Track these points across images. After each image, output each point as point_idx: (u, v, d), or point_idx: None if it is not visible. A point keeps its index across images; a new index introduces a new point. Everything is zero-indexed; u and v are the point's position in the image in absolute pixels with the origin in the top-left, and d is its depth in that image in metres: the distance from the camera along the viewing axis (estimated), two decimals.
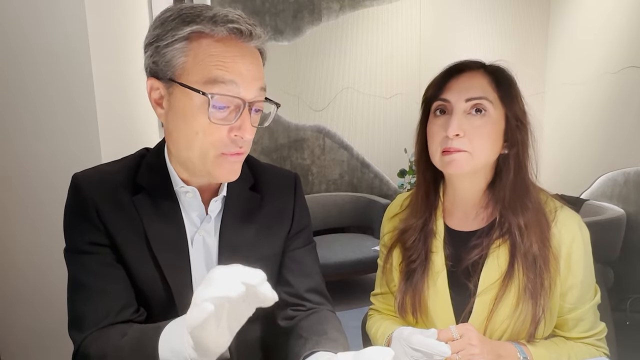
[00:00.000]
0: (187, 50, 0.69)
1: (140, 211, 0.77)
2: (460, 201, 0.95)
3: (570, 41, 3.47)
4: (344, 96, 3.65)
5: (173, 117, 0.73)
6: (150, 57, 0.72)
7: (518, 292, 0.85)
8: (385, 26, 3.61)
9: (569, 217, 0.90)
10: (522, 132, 0.89)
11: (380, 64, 3.63)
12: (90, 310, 0.74)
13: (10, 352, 1.40)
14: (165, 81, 0.72)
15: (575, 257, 0.87)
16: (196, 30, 0.69)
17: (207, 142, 0.71)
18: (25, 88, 1.29)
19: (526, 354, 0.84)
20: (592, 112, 3.21)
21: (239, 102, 0.70)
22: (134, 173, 0.80)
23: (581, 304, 0.88)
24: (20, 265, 1.38)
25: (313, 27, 3.53)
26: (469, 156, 0.85)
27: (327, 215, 3.50)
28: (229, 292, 0.53)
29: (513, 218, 0.87)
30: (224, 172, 0.74)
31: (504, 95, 0.88)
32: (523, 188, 0.89)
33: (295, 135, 3.61)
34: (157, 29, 0.71)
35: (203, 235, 0.82)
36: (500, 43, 3.70)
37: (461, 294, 0.90)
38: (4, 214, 1.36)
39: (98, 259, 0.75)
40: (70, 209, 0.77)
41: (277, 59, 3.45)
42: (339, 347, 0.75)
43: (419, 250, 0.94)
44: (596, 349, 0.90)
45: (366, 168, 3.78)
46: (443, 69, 0.92)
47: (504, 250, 0.87)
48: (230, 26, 0.69)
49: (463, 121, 0.85)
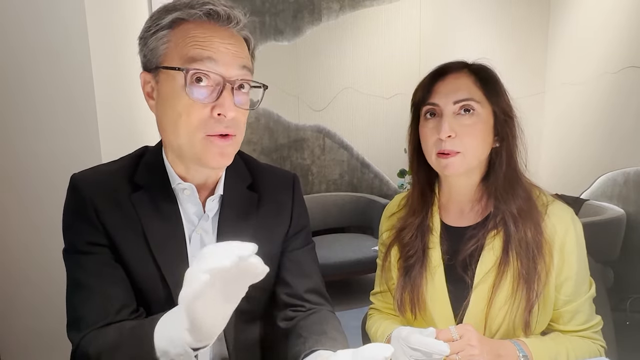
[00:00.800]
0: (169, 37, 0.72)
1: (138, 210, 0.77)
2: (456, 197, 0.98)
3: (570, 41, 3.47)
4: (344, 96, 3.65)
5: (161, 105, 0.74)
6: (141, 51, 0.75)
7: (513, 278, 0.87)
8: (386, 26, 3.61)
9: (561, 210, 0.92)
10: (510, 126, 0.92)
11: (380, 64, 3.63)
12: (89, 310, 0.74)
13: (10, 352, 1.40)
14: (153, 71, 0.74)
15: (568, 249, 0.89)
16: (176, 17, 0.71)
17: (190, 123, 0.71)
18: (25, 88, 1.29)
19: (525, 351, 0.84)
20: (592, 112, 3.21)
21: (218, 79, 0.71)
22: (132, 172, 0.80)
23: (576, 296, 0.90)
24: (20, 265, 1.38)
25: (313, 27, 3.53)
26: (462, 157, 0.88)
27: (327, 215, 3.50)
28: (222, 262, 0.54)
29: (506, 207, 0.90)
30: (211, 155, 0.73)
31: (490, 93, 0.91)
32: (514, 178, 0.92)
33: (295, 135, 3.61)
34: (146, 23, 0.75)
35: (200, 234, 0.82)
36: (500, 43, 3.70)
37: (458, 288, 0.93)
38: (4, 214, 1.36)
39: (96, 259, 0.76)
40: (69, 210, 0.78)
41: (277, 59, 3.45)
42: (339, 346, 0.75)
43: (416, 247, 0.96)
44: (593, 342, 0.91)
45: (366, 168, 3.78)
46: (428, 72, 0.95)
47: (498, 241, 0.90)
48: (205, 8, 0.71)
49: (453, 122, 0.88)
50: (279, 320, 0.89)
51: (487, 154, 0.93)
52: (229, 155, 0.76)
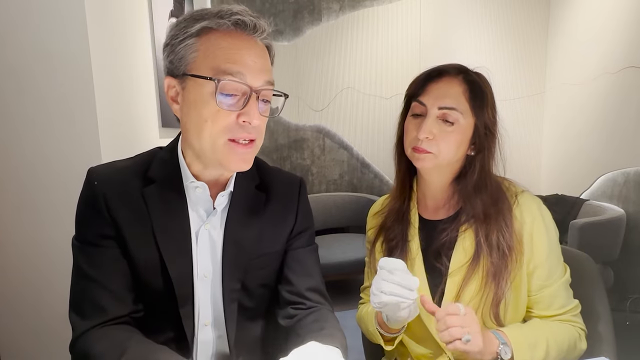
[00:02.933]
0: (198, 45, 0.74)
1: (148, 203, 0.80)
2: (430, 192, 1.04)
3: (570, 41, 3.47)
4: (344, 96, 3.65)
5: (186, 109, 0.77)
6: (167, 57, 0.78)
7: (482, 275, 0.93)
8: (386, 26, 3.61)
9: (528, 200, 0.97)
10: (489, 140, 0.97)
11: (380, 64, 3.64)
12: (91, 301, 0.77)
13: (10, 352, 1.40)
14: (180, 77, 0.76)
15: (537, 236, 0.94)
16: (204, 26, 0.74)
17: (215, 129, 0.74)
18: (25, 89, 1.30)
19: (505, 339, 0.87)
20: (592, 112, 3.21)
21: (246, 89, 0.74)
22: (147, 167, 0.83)
23: (550, 281, 0.94)
24: (20, 265, 1.39)
25: (313, 27, 3.53)
26: (434, 157, 0.94)
27: (327, 216, 3.50)
28: None
29: (474, 210, 0.96)
30: (234, 160, 0.77)
31: (476, 106, 0.95)
32: (484, 186, 0.97)
33: (295, 135, 3.61)
34: (173, 30, 0.77)
35: (209, 229, 0.84)
36: (500, 43, 3.70)
37: (434, 276, 0.99)
38: (4, 214, 1.36)
39: (103, 251, 0.79)
40: (82, 201, 0.81)
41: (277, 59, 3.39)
42: (335, 342, 0.76)
43: (396, 231, 1.04)
44: (572, 325, 0.94)
45: (366, 168, 3.78)
46: (427, 69, 0.99)
47: (469, 236, 0.96)
48: (234, 18, 0.74)
49: (434, 125, 0.94)
50: (280, 318, 0.90)
51: (461, 159, 0.98)
52: (250, 160, 0.80)
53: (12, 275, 1.39)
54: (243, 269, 0.85)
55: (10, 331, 1.40)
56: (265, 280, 0.90)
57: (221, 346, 0.88)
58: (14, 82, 1.29)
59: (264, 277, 0.90)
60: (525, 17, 3.69)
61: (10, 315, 1.40)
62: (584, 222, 2.56)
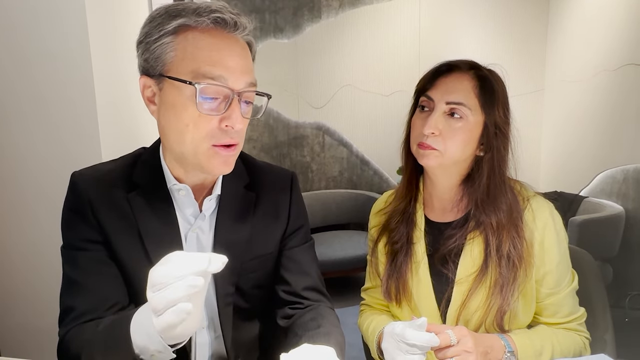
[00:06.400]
0: (175, 44, 0.70)
1: (134, 209, 0.78)
2: (437, 193, 1.00)
3: (569, 38, 3.46)
4: (344, 93, 3.65)
5: (164, 112, 0.73)
6: (141, 56, 0.73)
7: (489, 285, 0.90)
8: (385, 23, 3.61)
9: (541, 204, 0.93)
10: (499, 139, 0.92)
11: (379, 61, 3.63)
12: (77, 305, 0.75)
13: (10, 350, 1.41)
14: (156, 77, 0.72)
15: (548, 242, 0.91)
16: (182, 24, 0.70)
17: (197, 134, 0.71)
18: (25, 88, 1.29)
19: (512, 347, 0.87)
20: (592, 109, 3.21)
21: (227, 92, 0.70)
22: (131, 171, 0.81)
23: (558, 289, 0.92)
24: (20, 264, 1.39)
25: (313, 24, 3.53)
26: (439, 154, 0.90)
27: (326, 213, 3.50)
28: (211, 266, 0.56)
29: (486, 218, 0.91)
30: (216, 164, 0.74)
31: (486, 103, 0.90)
32: (496, 190, 0.92)
33: (295, 132, 3.61)
34: (146, 26, 0.73)
35: (197, 233, 0.82)
36: (499, 40, 3.69)
37: (440, 282, 0.96)
38: (5, 215, 1.37)
39: (91, 256, 0.77)
40: (67, 207, 0.79)
41: (277, 57, 3.45)
42: (332, 340, 0.76)
43: (401, 233, 1.00)
44: (577, 334, 0.93)
45: (366, 165, 3.79)
46: (437, 64, 0.96)
47: (478, 244, 0.92)
48: (213, 16, 0.70)
49: (441, 121, 0.90)
50: (278, 318, 0.89)
51: (469, 159, 0.94)
52: (232, 163, 0.76)
53: (12, 273, 1.39)
54: (236, 272, 0.83)
55: (10, 329, 1.41)
56: (260, 282, 0.88)
57: (219, 347, 0.86)
58: (14, 82, 1.29)
59: (259, 279, 0.88)
60: (525, 14, 3.69)
61: (10, 313, 1.41)
62: (583, 219, 2.57)
